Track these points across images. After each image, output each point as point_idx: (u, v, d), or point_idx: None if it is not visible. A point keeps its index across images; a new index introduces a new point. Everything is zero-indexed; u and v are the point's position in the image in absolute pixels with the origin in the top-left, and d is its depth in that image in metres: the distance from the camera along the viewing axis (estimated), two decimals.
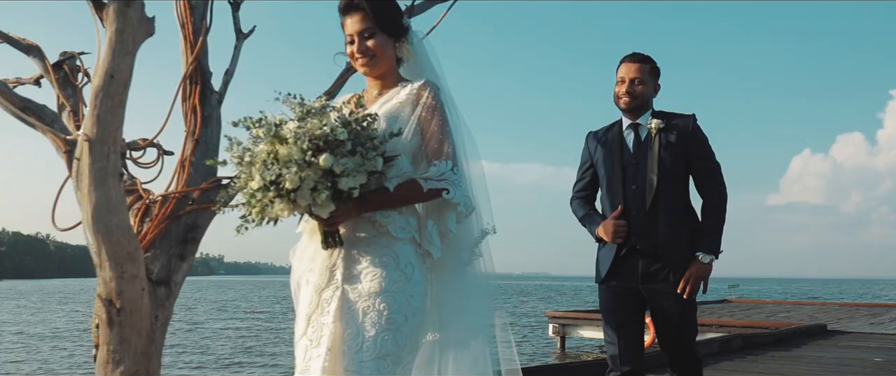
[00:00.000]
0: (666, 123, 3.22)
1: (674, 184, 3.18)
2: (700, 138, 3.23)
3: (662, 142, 3.20)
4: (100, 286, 2.36)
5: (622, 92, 3.25)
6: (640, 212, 3.17)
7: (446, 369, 2.21)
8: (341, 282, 2.10)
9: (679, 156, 3.18)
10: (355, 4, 2.19)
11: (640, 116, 3.27)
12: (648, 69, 3.27)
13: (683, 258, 3.13)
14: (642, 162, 3.21)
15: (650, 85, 3.28)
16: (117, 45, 2.22)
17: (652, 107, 3.31)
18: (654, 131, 3.22)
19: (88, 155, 2.22)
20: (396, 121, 2.13)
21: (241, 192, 1.97)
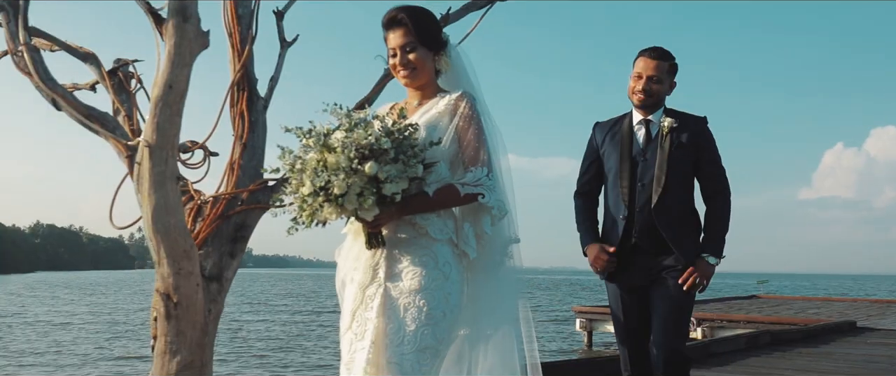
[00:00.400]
0: (679, 123, 3.19)
1: (682, 184, 3.17)
2: (710, 141, 3.21)
3: (674, 141, 3.16)
4: (158, 281, 2.54)
5: (638, 88, 3.21)
6: (646, 210, 3.14)
7: (476, 362, 2.35)
8: (384, 279, 2.25)
9: (688, 157, 3.17)
10: (398, 20, 2.34)
11: (652, 113, 3.23)
12: (666, 67, 3.22)
13: (688, 257, 3.10)
14: (651, 159, 3.18)
15: (667, 83, 3.23)
16: (176, 57, 2.39)
17: (664, 104, 3.27)
18: (666, 130, 3.18)
19: (149, 160, 2.39)
20: (435, 130, 2.28)
21: (292, 197, 2.13)
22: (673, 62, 3.25)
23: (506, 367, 2.30)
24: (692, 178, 3.22)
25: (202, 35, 2.44)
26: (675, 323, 3.12)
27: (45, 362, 16.45)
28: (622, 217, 3.19)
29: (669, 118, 3.20)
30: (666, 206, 3.13)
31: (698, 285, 3.09)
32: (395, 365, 2.17)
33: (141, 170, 2.42)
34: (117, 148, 2.64)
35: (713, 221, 3.17)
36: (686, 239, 3.15)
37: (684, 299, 3.12)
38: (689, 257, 3.11)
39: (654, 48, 3.26)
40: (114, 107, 3.10)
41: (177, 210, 2.47)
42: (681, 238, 3.14)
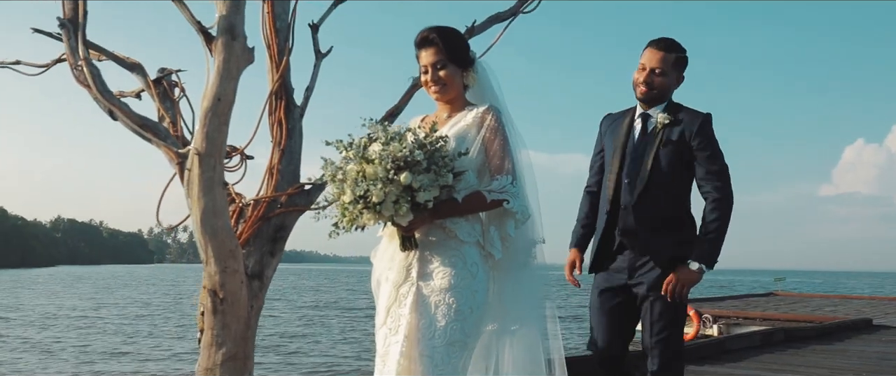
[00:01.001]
0: (673, 119, 3.03)
1: (667, 184, 3.00)
2: (706, 139, 3.00)
3: (663, 138, 3.01)
4: (205, 279, 2.75)
5: (640, 80, 3.06)
6: (627, 207, 3.03)
7: (502, 355, 2.55)
8: (416, 278, 2.45)
9: (677, 156, 3.00)
10: (430, 40, 2.54)
11: (653, 107, 3.08)
12: (672, 59, 3.04)
13: (670, 260, 2.97)
14: (640, 155, 3.04)
15: (672, 76, 3.06)
16: (224, 72, 2.59)
17: (669, 98, 3.11)
18: (659, 125, 3.03)
19: (198, 166, 2.60)
20: (464, 141, 2.47)
21: (334, 204, 2.34)
22: (681, 55, 3.08)
23: (530, 360, 2.49)
24: (683, 178, 3.05)
25: (248, 51, 2.64)
26: (669, 337, 3.01)
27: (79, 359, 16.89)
28: (606, 212, 3.10)
29: (665, 113, 3.05)
30: (646, 205, 3.00)
31: (680, 294, 2.93)
32: (427, 358, 2.37)
33: (191, 175, 2.63)
34: (168, 155, 2.84)
35: (704, 225, 2.99)
36: (663, 240, 3.00)
37: (668, 310, 2.99)
38: (659, 261, 2.98)
39: (661, 39, 3.10)
40: (158, 114, 3.30)
41: (223, 212, 2.68)
42: (656, 239, 3.00)
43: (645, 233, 3.00)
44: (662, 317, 2.99)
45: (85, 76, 2.79)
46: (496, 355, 2.50)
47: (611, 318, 3.09)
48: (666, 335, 3.01)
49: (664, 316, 2.99)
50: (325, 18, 3.39)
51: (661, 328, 3.00)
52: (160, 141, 2.82)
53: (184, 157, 2.72)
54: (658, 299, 2.98)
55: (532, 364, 2.48)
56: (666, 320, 2.99)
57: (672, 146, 2.99)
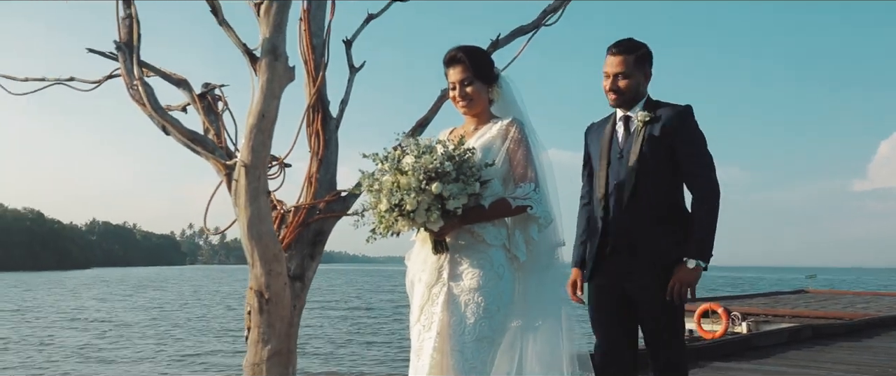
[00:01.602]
0: (653, 115, 3.03)
1: (655, 181, 2.99)
2: (688, 132, 2.99)
3: (646, 135, 3.01)
4: (252, 280, 2.96)
5: (607, 89, 3.08)
6: (619, 210, 3.03)
7: (526, 349, 2.74)
8: (447, 279, 2.66)
9: (662, 151, 2.99)
10: (457, 58, 2.75)
11: (632, 108, 3.09)
12: (632, 60, 3.05)
13: (665, 259, 2.96)
14: (626, 155, 3.04)
15: (636, 76, 3.06)
16: (267, 90, 2.81)
17: (645, 96, 3.11)
18: (640, 123, 3.04)
19: (245, 177, 2.81)
20: (489, 151, 2.67)
21: (371, 212, 2.56)
22: (640, 53, 3.07)
23: (551, 353, 2.68)
24: (671, 174, 3.03)
25: (289, 70, 2.85)
26: (672, 334, 3.03)
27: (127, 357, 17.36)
28: (600, 217, 3.11)
29: (645, 111, 3.05)
30: (639, 206, 3.01)
31: (683, 295, 2.93)
32: (458, 353, 2.57)
33: (238, 186, 2.85)
34: (216, 166, 3.06)
35: (695, 220, 2.97)
36: (657, 241, 2.99)
37: (667, 312, 3.00)
38: (654, 264, 2.97)
39: (617, 43, 3.10)
40: (204, 127, 3.53)
41: (267, 219, 2.89)
42: (651, 240, 2.99)
43: (638, 234, 2.99)
44: (660, 322, 3.00)
45: (140, 95, 3.02)
46: (520, 349, 2.69)
47: (612, 322, 3.09)
48: (666, 338, 3.01)
49: (661, 321, 2.99)
50: (358, 34, 3.59)
51: (660, 333, 3.01)
52: (209, 153, 3.04)
53: (231, 169, 2.94)
54: (656, 304, 2.97)
55: (552, 357, 2.68)
56: (664, 324, 3.00)
57: (655, 142, 2.99)
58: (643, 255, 2.99)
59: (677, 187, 3.06)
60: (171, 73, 3.65)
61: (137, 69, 3.05)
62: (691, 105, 3.04)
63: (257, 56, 2.87)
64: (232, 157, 3.14)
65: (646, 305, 3.01)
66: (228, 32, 3.04)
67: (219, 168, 3.04)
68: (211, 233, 3.37)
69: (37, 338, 20.84)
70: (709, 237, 2.95)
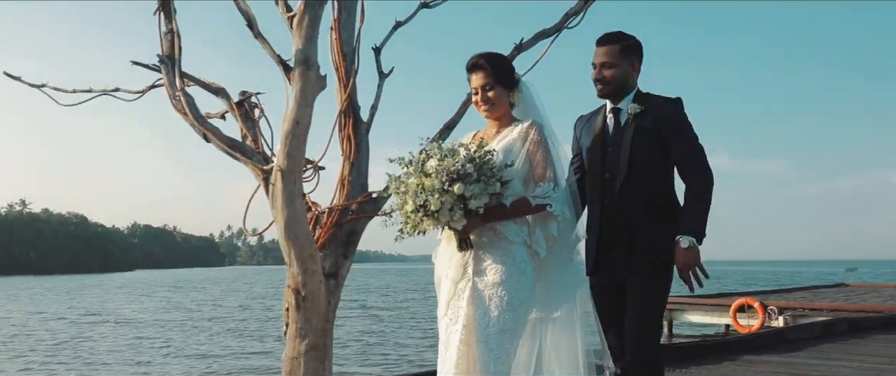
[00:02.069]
0: (644, 107, 3.02)
1: (647, 173, 2.98)
2: (679, 123, 2.99)
3: (638, 127, 3.00)
4: (289, 279, 3.14)
5: (594, 79, 3.09)
6: (611, 202, 3.02)
7: (545, 340, 2.87)
8: (472, 275, 2.80)
9: (654, 143, 2.98)
10: (479, 65, 2.90)
11: (621, 100, 3.08)
12: (618, 50, 3.05)
13: (659, 248, 2.93)
14: (617, 148, 3.03)
15: (623, 66, 3.06)
16: (301, 99, 2.98)
17: (634, 88, 3.10)
18: (630, 116, 3.03)
19: (281, 181, 2.99)
20: (510, 153, 2.81)
21: (398, 213, 2.73)
22: (626, 43, 3.08)
23: (568, 346, 2.81)
24: (663, 166, 3.02)
25: (321, 79, 3.02)
26: (641, 329, 2.96)
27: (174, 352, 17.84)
28: (596, 211, 3.09)
29: (635, 103, 3.05)
30: (631, 197, 2.99)
31: (693, 277, 2.85)
32: (483, 344, 2.71)
33: (274, 189, 3.02)
34: (254, 171, 3.25)
35: (688, 203, 2.94)
36: (651, 235, 2.96)
37: (651, 302, 2.98)
38: (662, 256, 2.94)
39: (603, 35, 3.12)
40: (242, 133, 3.71)
41: (303, 221, 3.06)
42: (649, 229, 2.96)
43: (634, 227, 2.97)
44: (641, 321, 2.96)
45: (182, 105, 3.22)
46: (539, 341, 2.83)
47: (615, 317, 3.03)
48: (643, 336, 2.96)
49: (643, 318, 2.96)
50: (386, 42, 3.75)
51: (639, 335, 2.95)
52: (247, 159, 3.23)
53: (268, 173, 3.12)
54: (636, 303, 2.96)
55: (569, 349, 2.80)
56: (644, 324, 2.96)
57: (647, 134, 2.99)
58: (642, 251, 2.96)
59: (669, 180, 3.04)
60: (210, 82, 3.83)
61: (179, 80, 3.24)
62: (681, 98, 3.05)
63: (291, 66, 3.04)
64: (269, 162, 3.32)
65: (631, 305, 2.96)
66: (263, 44, 3.22)
67: (257, 172, 3.23)
68: (250, 234, 3.57)
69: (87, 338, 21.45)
70: (701, 217, 2.92)
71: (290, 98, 3.00)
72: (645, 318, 2.96)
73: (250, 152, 3.27)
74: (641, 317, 2.95)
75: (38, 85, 3.82)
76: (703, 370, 6.01)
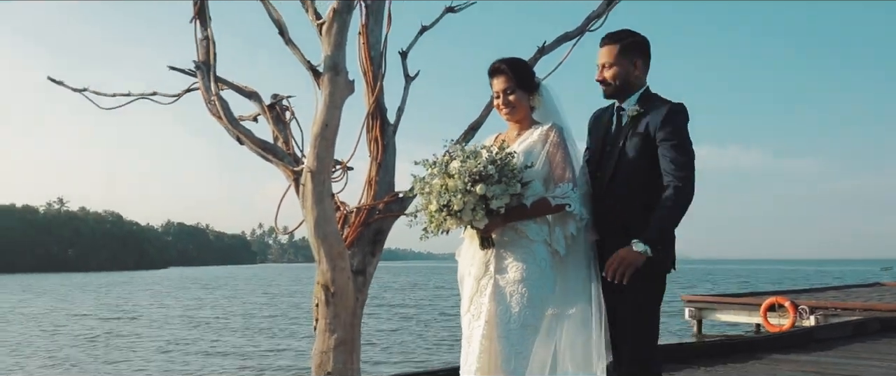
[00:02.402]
0: (643, 110, 2.99)
1: (635, 175, 2.96)
2: (671, 129, 2.91)
3: (634, 129, 2.99)
4: (318, 275, 3.26)
5: (596, 80, 3.10)
6: (604, 201, 3.01)
7: (560, 335, 2.95)
8: (494, 272, 2.91)
9: (644, 147, 2.94)
10: (500, 69, 3.00)
11: (626, 100, 3.07)
12: (618, 50, 3.03)
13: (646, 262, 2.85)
14: (613, 148, 3.03)
15: (624, 66, 3.03)
16: (329, 102, 3.09)
17: (640, 87, 3.07)
18: (629, 117, 3.02)
19: (311, 182, 3.11)
20: (531, 155, 2.91)
21: (422, 212, 2.83)
22: (627, 42, 3.05)
23: (584, 344, 2.88)
24: (648, 170, 2.97)
25: (349, 83, 3.13)
26: (634, 327, 2.96)
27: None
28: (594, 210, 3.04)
29: (636, 105, 3.02)
30: (622, 198, 2.98)
31: (621, 275, 2.82)
32: (504, 339, 2.82)
33: (305, 190, 3.14)
34: (285, 172, 3.37)
35: (657, 210, 2.88)
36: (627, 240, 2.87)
37: (644, 300, 2.96)
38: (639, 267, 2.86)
39: (606, 34, 3.11)
40: (273, 136, 3.84)
41: (332, 220, 3.18)
42: (623, 239, 2.87)
43: (624, 227, 2.92)
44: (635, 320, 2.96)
45: (217, 109, 3.35)
46: (557, 334, 2.92)
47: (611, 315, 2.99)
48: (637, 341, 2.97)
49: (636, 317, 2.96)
50: (413, 46, 3.85)
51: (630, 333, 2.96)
52: (278, 161, 3.35)
53: (298, 174, 3.24)
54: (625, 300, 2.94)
55: (585, 346, 2.88)
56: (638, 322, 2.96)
57: (638, 138, 2.96)
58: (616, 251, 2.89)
59: (656, 185, 2.94)
60: (243, 86, 3.97)
61: (214, 86, 3.38)
62: (683, 103, 2.99)
63: (320, 71, 3.15)
64: (299, 163, 3.44)
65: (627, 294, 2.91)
66: (294, 51, 3.34)
67: (287, 174, 3.35)
68: (281, 232, 3.69)
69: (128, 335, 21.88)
70: (665, 229, 2.89)
71: (320, 102, 3.12)
72: (638, 317, 2.95)
73: (282, 154, 3.40)
74: (634, 316, 2.94)
75: (79, 89, 3.98)
76: (729, 368, 6.05)
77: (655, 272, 2.95)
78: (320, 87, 3.15)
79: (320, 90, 3.14)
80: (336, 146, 3.24)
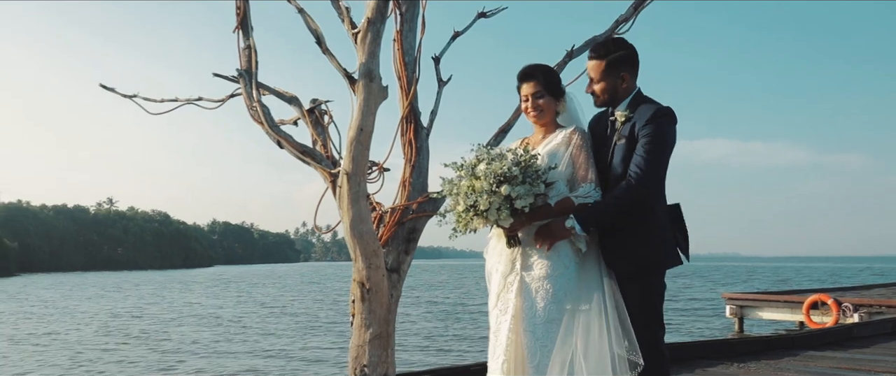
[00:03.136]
0: (634, 115, 3.06)
1: (619, 180, 3.02)
2: (651, 131, 2.97)
3: (620, 134, 3.06)
4: (355, 273, 3.43)
5: (587, 92, 3.20)
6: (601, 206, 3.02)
7: (578, 328, 3.02)
8: (520, 269, 3.04)
9: (628, 151, 3.02)
10: (530, 74, 3.15)
11: (619, 105, 3.14)
12: (605, 66, 3.11)
13: (637, 255, 3.02)
14: (604, 152, 3.12)
15: (611, 81, 3.11)
16: (364, 108, 3.25)
17: (630, 93, 3.13)
18: (618, 122, 3.10)
19: (347, 184, 3.27)
20: (555, 156, 3.04)
21: (451, 213, 2.98)
22: (613, 57, 3.12)
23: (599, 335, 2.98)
24: None
25: (383, 90, 3.29)
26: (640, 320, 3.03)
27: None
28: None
29: (626, 110, 3.09)
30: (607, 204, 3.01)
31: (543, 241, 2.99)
32: (530, 333, 2.95)
33: (341, 191, 3.31)
34: (323, 174, 3.55)
35: (604, 199, 3.00)
36: (621, 246, 3.04)
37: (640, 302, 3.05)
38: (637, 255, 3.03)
39: (594, 46, 3.20)
40: (312, 139, 4.02)
41: (367, 219, 3.34)
42: (623, 239, 3.03)
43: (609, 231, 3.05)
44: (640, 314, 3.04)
45: (258, 115, 3.54)
46: (573, 328, 3.03)
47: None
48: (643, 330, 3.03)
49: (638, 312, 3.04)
50: (445, 51, 4.00)
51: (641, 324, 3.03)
52: (317, 163, 3.53)
53: (335, 176, 3.41)
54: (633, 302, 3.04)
55: (600, 343, 2.96)
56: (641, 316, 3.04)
57: (624, 142, 3.04)
58: (621, 256, 3.05)
59: None
60: (284, 91, 4.15)
61: (256, 92, 3.57)
62: (671, 107, 3.05)
63: (355, 78, 3.32)
64: (337, 165, 3.61)
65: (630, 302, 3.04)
66: (331, 59, 3.51)
67: (325, 176, 3.52)
68: (321, 231, 3.87)
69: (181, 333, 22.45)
70: (600, 216, 2.98)
71: (355, 107, 3.28)
72: (638, 319, 3.02)
73: (320, 157, 3.57)
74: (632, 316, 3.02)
75: (130, 95, 4.21)
76: (762, 364, 6.07)
77: (642, 269, 3.06)
78: (355, 93, 3.31)
79: (355, 96, 3.31)
80: (373, 148, 3.41)
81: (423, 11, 3.94)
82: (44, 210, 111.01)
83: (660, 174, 3.02)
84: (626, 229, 3.02)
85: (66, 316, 28.19)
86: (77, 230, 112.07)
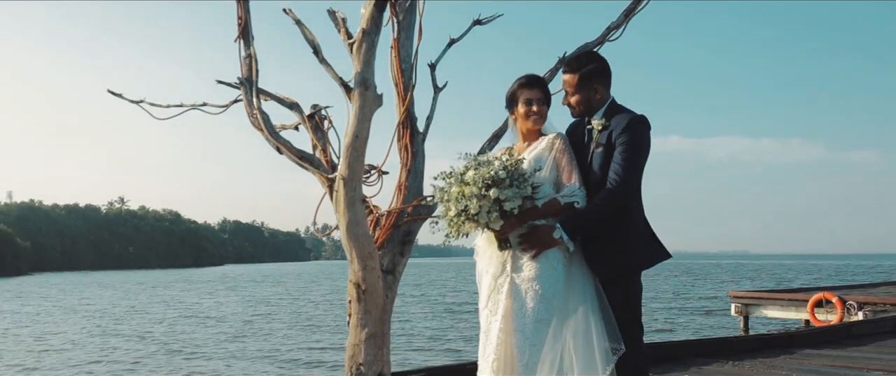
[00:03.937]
0: (609, 124, 3.17)
1: (602, 185, 3.12)
2: (628, 139, 3.09)
3: (597, 143, 3.18)
4: (351, 274, 3.54)
5: (563, 104, 3.34)
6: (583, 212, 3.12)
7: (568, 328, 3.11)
8: (510, 271, 3.16)
9: (609, 157, 3.12)
10: (539, 83, 3.31)
11: (594, 115, 3.25)
12: (578, 80, 3.23)
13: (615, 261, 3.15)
14: (582, 161, 3.22)
15: (583, 93, 3.24)
16: (360, 115, 3.37)
17: (604, 104, 3.25)
18: (595, 133, 3.20)
19: (343, 188, 3.39)
20: (540, 161, 3.18)
21: (443, 219, 3.11)
22: (585, 71, 3.24)
23: (586, 332, 3.10)
24: None
25: (378, 97, 3.40)
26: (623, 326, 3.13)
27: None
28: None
29: (602, 119, 3.20)
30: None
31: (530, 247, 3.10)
32: (520, 333, 3.07)
33: (338, 195, 3.42)
34: (320, 179, 3.66)
35: (587, 208, 3.11)
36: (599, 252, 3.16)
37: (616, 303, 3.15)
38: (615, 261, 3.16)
39: (568, 60, 3.34)
40: (312, 143, 4.14)
41: (363, 222, 3.46)
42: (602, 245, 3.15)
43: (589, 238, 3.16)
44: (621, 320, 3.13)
45: (259, 122, 3.66)
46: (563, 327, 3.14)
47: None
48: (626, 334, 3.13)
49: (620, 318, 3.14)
50: (441, 59, 4.11)
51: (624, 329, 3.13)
52: (314, 169, 3.64)
53: (332, 181, 3.52)
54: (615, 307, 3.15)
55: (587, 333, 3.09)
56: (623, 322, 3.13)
57: (602, 149, 3.16)
58: (600, 261, 3.17)
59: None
60: (284, 97, 4.28)
61: (257, 100, 3.69)
62: (646, 115, 3.18)
63: (351, 87, 3.43)
64: (335, 170, 3.72)
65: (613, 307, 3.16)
66: (327, 68, 3.63)
67: (322, 181, 3.64)
68: (319, 234, 3.99)
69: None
70: (585, 224, 3.10)
71: (351, 115, 3.40)
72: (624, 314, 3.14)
73: (317, 163, 3.69)
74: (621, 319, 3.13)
75: (136, 101, 4.34)
76: (757, 362, 6.15)
77: (621, 275, 3.20)
78: (351, 100, 3.43)
79: (351, 104, 3.42)
80: (372, 152, 3.52)
81: (420, 20, 4.06)
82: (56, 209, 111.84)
83: (637, 179, 3.16)
84: (605, 236, 3.15)
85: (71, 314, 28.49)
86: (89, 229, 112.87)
